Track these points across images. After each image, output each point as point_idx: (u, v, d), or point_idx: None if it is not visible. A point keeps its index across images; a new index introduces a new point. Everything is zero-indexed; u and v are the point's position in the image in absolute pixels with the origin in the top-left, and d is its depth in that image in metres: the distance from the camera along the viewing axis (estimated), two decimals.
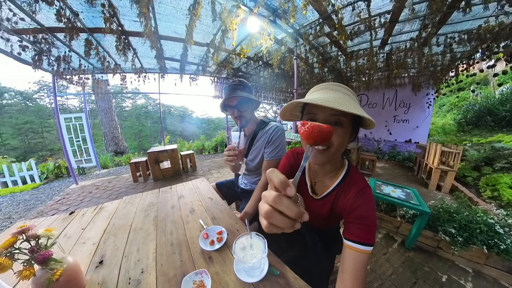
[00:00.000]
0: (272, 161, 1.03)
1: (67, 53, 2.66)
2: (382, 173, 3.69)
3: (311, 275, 0.67)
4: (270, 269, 0.58)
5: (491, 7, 1.94)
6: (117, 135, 7.52)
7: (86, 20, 2.13)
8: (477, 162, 3.15)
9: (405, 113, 4.94)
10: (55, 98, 3.38)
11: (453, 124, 5.76)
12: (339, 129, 0.47)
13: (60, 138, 3.54)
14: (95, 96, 7.04)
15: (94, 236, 0.80)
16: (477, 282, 1.29)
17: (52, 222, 0.93)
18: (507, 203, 2.30)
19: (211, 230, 0.78)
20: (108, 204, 1.09)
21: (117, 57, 3.03)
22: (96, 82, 3.76)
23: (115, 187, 3.33)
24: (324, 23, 2.36)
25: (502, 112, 4.13)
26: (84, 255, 0.69)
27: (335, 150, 0.49)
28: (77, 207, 2.61)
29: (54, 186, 3.76)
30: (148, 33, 1.90)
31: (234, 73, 4.68)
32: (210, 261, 0.63)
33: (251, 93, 1.05)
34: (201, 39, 2.88)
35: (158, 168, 3.48)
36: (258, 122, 1.12)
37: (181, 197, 1.13)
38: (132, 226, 0.85)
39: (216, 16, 1.85)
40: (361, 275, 0.47)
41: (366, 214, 0.52)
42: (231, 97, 0.96)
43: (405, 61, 3.48)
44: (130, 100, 25.19)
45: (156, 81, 4.20)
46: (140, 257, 0.67)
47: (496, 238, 1.32)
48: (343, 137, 0.48)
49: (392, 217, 1.81)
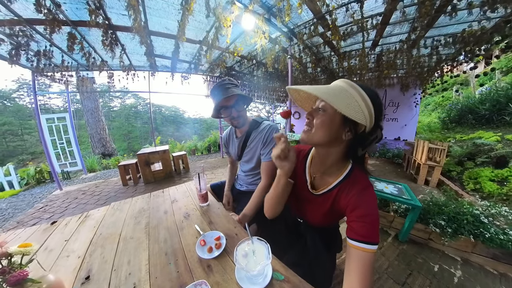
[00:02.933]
0: (270, 162, 1.00)
1: (48, 47, 2.47)
2: (374, 170, 3.79)
3: (314, 276, 0.66)
4: (274, 274, 0.56)
5: (475, 12, 2.04)
6: (105, 137, 7.20)
7: (69, 12, 1.98)
8: (461, 158, 3.32)
9: (394, 112, 5.13)
10: (35, 97, 3.16)
11: (438, 122, 6.05)
12: (321, 113, 0.53)
13: (42, 141, 3.31)
14: (80, 95, 6.68)
15: (79, 248, 0.73)
16: (465, 269, 1.36)
17: (31, 234, 0.85)
18: (488, 194, 2.45)
19: (208, 236, 0.73)
20: (95, 211, 1.01)
21: (104, 53, 2.87)
22: (81, 79, 3.55)
23: (103, 191, 3.17)
24: (318, 23, 2.37)
25: (482, 110, 4.38)
26: (68, 270, 0.63)
27: (316, 131, 0.54)
28: (61, 215, 2.44)
29: (36, 193, 3.51)
30: (137, 28, 1.80)
31: (227, 72, 4.61)
32: (209, 270, 0.59)
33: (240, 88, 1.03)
34: (194, 36, 2.80)
35: (149, 171, 3.35)
36: (250, 122, 1.09)
37: (174, 201, 1.07)
38: (121, 235, 0.79)
39: (210, 12, 1.79)
40: (368, 274, 0.47)
41: (369, 212, 0.52)
42: (228, 97, 0.91)
43: (394, 62, 3.60)
44: (118, 99, 24.20)
45: (146, 79, 4.05)
46: (132, 270, 0.62)
47: (481, 228, 1.40)
48: (324, 121, 0.53)
49: (385, 212, 1.86)
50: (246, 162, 1.14)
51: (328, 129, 0.53)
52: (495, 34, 2.43)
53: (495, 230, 1.37)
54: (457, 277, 1.29)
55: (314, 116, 0.55)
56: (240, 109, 0.97)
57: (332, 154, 0.59)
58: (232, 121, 1.00)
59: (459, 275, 1.31)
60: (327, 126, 0.53)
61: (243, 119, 1.00)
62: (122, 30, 2.32)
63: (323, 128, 0.53)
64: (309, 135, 0.55)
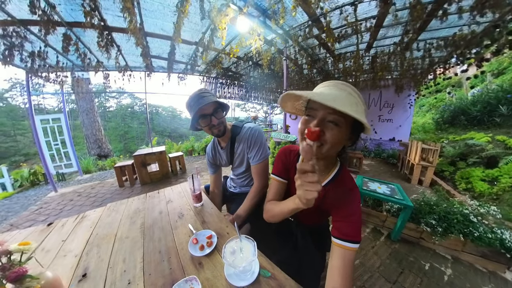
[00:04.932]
0: (259, 164, 1.01)
1: (43, 48, 2.46)
2: (369, 170, 3.85)
3: (303, 274, 0.69)
4: (261, 271, 0.58)
5: (465, 17, 2.11)
6: (100, 137, 7.13)
7: (64, 13, 1.98)
8: (453, 158, 3.41)
9: (389, 113, 5.22)
10: (29, 97, 3.13)
11: (432, 123, 6.17)
12: (334, 127, 0.47)
13: (36, 142, 3.28)
14: (75, 96, 6.61)
15: (76, 248, 0.75)
16: (455, 267, 1.39)
17: (28, 235, 0.86)
18: (479, 194, 2.52)
19: (200, 234, 0.76)
20: (91, 212, 1.03)
21: (99, 54, 2.86)
22: (76, 80, 3.52)
23: (99, 193, 3.15)
24: (313, 25, 2.41)
25: (474, 112, 4.49)
26: (66, 268, 0.64)
27: (329, 148, 0.49)
28: (56, 217, 2.42)
29: (30, 195, 3.46)
30: (133, 29, 1.81)
31: (224, 72, 4.63)
32: (200, 267, 0.62)
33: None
34: (190, 38, 2.81)
35: (145, 172, 3.34)
36: (231, 128, 1.06)
37: (170, 201, 1.10)
38: (117, 235, 0.81)
39: (205, 14, 1.81)
40: (349, 271, 0.50)
41: (352, 212, 0.55)
42: (205, 105, 0.86)
43: (388, 64, 3.67)
44: (114, 99, 23.93)
45: (142, 80, 4.04)
46: (127, 267, 0.64)
47: (470, 227, 1.43)
48: (338, 136, 0.48)
49: (378, 211, 1.90)
50: (237, 167, 1.15)
51: (341, 142, 0.51)
52: (485, 38, 2.51)
53: (483, 229, 1.40)
54: (447, 275, 1.32)
55: (325, 130, 0.48)
56: (219, 116, 0.93)
57: (327, 158, 0.59)
58: (212, 129, 0.95)
59: (449, 273, 1.34)
60: (341, 141, 0.50)
61: (223, 126, 0.97)
62: (118, 31, 2.32)
63: (338, 143, 0.50)
64: (322, 152, 0.49)
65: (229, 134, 1.06)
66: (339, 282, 0.49)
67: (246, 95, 6.18)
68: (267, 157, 1.04)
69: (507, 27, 2.17)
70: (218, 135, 1.00)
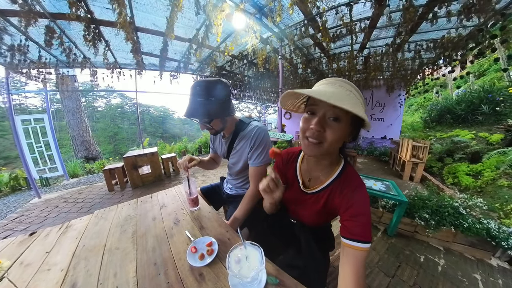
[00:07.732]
0: (259, 167, 0.95)
1: (23, 41, 2.28)
2: (362, 168, 3.93)
3: (309, 276, 0.66)
4: (269, 279, 0.55)
5: (453, 20, 2.20)
6: (88, 139, 6.79)
7: (47, 3, 1.84)
8: (441, 154, 3.56)
9: (380, 112, 5.37)
10: (9, 96, 2.91)
11: (420, 121, 6.42)
12: (335, 124, 0.48)
13: (17, 144, 3.06)
14: (60, 94, 6.25)
15: (62, 261, 0.67)
16: (448, 257, 1.47)
17: (3, 247, 0.77)
18: (465, 187, 2.65)
19: (199, 242, 0.71)
20: (76, 221, 0.94)
21: (86, 49, 2.70)
22: (60, 77, 3.31)
23: (87, 198, 2.98)
24: (309, 25, 2.41)
25: (459, 111, 4.73)
26: (50, 285, 0.57)
27: (329, 145, 0.49)
28: (39, 225, 2.25)
29: (9, 202, 3.21)
30: (122, 23, 1.71)
31: (217, 71, 4.54)
32: (201, 279, 0.57)
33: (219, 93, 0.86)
34: (183, 34, 2.72)
35: (136, 174, 3.20)
36: (237, 122, 1.02)
37: (164, 206, 1.03)
38: (106, 246, 0.74)
39: (200, 9, 1.74)
40: (361, 272, 0.48)
41: (362, 211, 0.53)
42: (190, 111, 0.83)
43: (381, 65, 3.76)
44: (103, 99, 22.98)
45: (133, 78, 3.88)
46: (119, 283, 0.58)
47: (460, 219, 1.51)
48: (339, 132, 0.49)
49: (375, 208, 1.94)
50: (233, 164, 1.09)
51: (341, 139, 0.51)
52: (470, 41, 2.63)
53: (472, 220, 1.49)
54: (441, 266, 1.39)
55: (325, 127, 0.48)
56: (207, 123, 0.90)
57: (329, 156, 0.59)
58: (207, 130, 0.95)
59: (443, 264, 1.41)
60: (341, 137, 0.50)
61: (217, 128, 0.93)
62: (106, 25, 2.19)
63: (339, 140, 0.50)
64: (321, 149, 0.50)
65: (233, 128, 1.02)
66: (352, 284, 0.47)
67: (240, 95, 6.11)
68: (268, 162, 0.98)
69: (489, 31, 2.29)
70: (213, 134, 1.00)
